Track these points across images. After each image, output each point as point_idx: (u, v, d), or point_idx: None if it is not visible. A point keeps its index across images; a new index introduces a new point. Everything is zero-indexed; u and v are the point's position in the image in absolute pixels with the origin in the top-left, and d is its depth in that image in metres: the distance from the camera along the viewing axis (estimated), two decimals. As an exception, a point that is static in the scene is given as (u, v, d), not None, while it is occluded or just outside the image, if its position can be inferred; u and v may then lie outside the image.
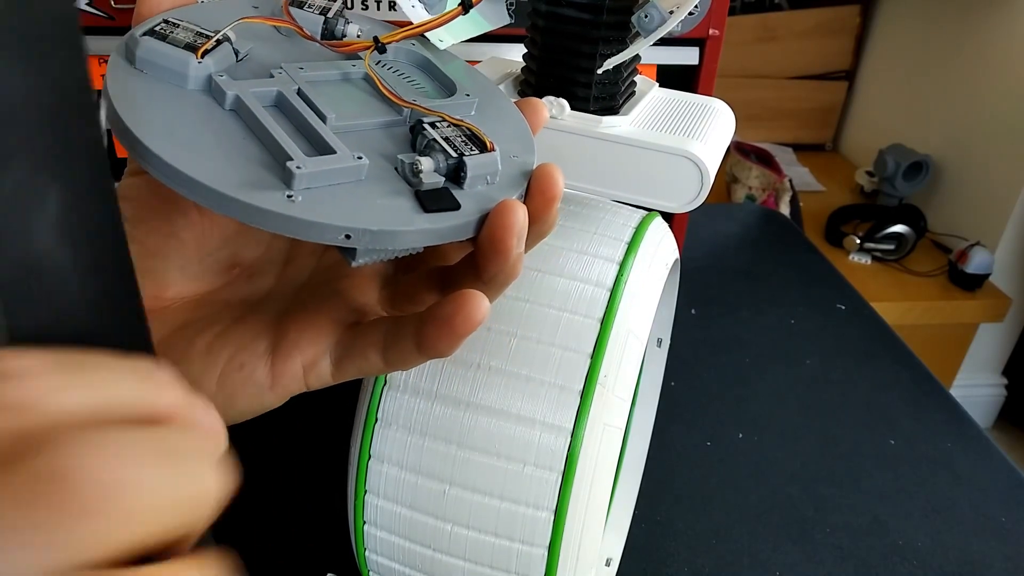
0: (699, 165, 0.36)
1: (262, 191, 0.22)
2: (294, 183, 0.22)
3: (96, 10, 0.48)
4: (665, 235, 0.37)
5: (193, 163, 0.22)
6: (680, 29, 0.34)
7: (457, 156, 0.25)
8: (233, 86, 0.25)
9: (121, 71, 0.24)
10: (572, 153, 0.37)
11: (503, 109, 0.30)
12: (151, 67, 0.24)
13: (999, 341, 1.61)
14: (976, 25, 1.53)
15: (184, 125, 0.23)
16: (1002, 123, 1.46)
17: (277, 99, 0.26)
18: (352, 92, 0.28)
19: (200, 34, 0.25)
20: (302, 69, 0.27)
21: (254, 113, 0.24)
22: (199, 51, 0.25)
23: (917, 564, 0.47)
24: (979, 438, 0.58)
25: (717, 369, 0.63)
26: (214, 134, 0.24)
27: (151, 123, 0.23)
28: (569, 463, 0.30)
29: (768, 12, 1.81)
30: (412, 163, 0.24)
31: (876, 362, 0.65)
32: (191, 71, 0.24)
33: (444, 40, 0.32)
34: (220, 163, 0.22)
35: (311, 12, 0.29)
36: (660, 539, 0.48)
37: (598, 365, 0.31)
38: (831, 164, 1.89)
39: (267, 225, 0.22)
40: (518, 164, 0.27)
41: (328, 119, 0.25)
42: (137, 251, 0.27)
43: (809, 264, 0.81)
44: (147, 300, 0.27)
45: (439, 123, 0.26)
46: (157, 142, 0.22)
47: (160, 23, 0.25)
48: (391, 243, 0.23)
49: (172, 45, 0.24)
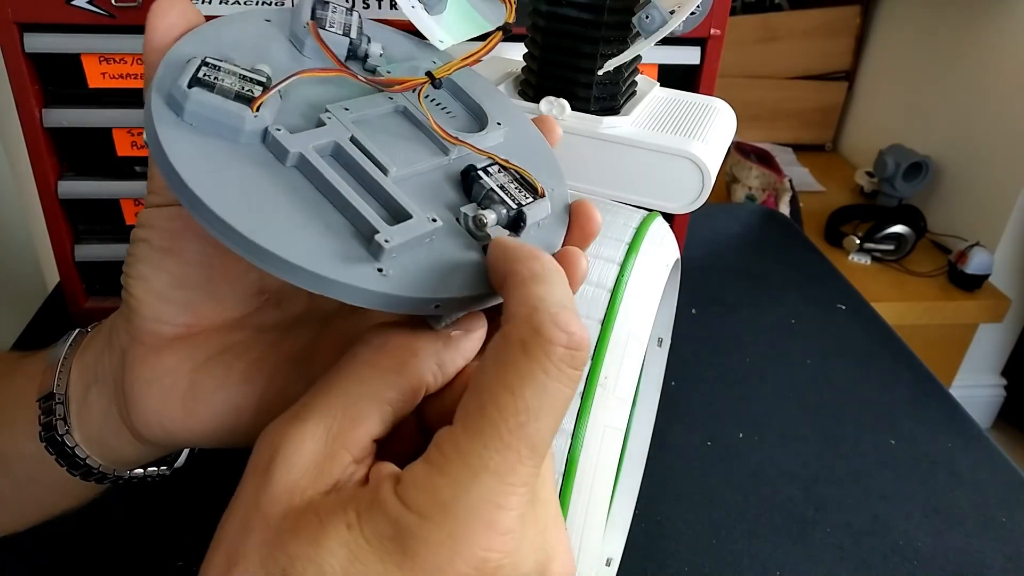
0: (700, 166, 0.36)
1: (353, 267, 0.22)
2: (383, 257, 0.22)
3: (97, 8, 0.48)
4: (666, 235, 0.37)
5: (281, 241, 0.21)
6: (681, 29, 0.34)
7: (516, 207, 0.26)
8: (293, 142, 0.24)
9: (171, 126, 0.23)
10: (573, 153, 0.37)
11: (528, 132, 0.31)
12: (202, 121, 0.23)
13: (998, 341, 1.61)
14: (976, 25, 1.53)
15: (259, 194, 0.23)
16: (1002, 123, 1.46)
17: (334, 150, 0.25)
18: (398, 127, 0.28)
19: (244, 77, 0.24)
20: (347, 110, 0.26)
21: (323, 175, 0.24)
22: (254, 104, 0.24)
23: (917, 564, 0.47)
24: (979, 438, 0.58)
25: (717, 369, 0.63)
26: (288, 200, 0.23)
27: (227, 197, 0.22)
28: (569, 464, 0.30)
29: (768, 12, 1.81)
30: (476, 217, 0.25)
31: (876, 362, 0.65)
32: (247, 125, 0.24)
33: (444, 41, 0.32)
34: (304, 238, 0.22)
35: (334, 32, 0.28)
36: (660, 539, 0.48)
37: (598, 366, 0.31)
38: (831, 164, 1.89)
39: (360, 302, 0.22)
40: (557, 198, 0.28)
41: (389, 172, 0.25)
42: (166, 280, 0.27)
43: (809, 264, 0.81)
44: (180, 329, 0.28)
45: (490, 168, 0.27)
46: (240, 220, 0.21)
47: (201, 68, 0.24)
48: (475, 306, 0.24)
49: (223, 96, 0.23)
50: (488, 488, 0.20)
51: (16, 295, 0.86)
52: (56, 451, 0.30)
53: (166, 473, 0.35)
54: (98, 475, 0.31)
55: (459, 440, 0.20)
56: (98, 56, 0.51)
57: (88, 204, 0.56)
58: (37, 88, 0.51)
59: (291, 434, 0.21)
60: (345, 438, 0.22)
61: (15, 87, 0.50)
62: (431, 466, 0.20)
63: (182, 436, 0.29)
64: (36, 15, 0.48)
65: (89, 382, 0.30)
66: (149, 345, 0.28)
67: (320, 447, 0.21)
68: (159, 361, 0.28)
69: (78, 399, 0.31)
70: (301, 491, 0.21)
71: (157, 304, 0.27)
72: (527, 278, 0.22)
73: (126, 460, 0.32)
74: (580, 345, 0.21)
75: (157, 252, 0.27)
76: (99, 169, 0.55)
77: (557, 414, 0.21)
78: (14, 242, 0.89)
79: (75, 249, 0.57)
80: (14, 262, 0.89)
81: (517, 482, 0.20)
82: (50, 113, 0.52)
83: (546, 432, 0.21)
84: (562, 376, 0.21)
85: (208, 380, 0.28)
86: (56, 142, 0.54)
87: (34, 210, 0.58)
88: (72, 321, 0.60)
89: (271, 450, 0.21)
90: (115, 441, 0.30)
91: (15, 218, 0.89)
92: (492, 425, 0.20)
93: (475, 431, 0.20)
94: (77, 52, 0.50)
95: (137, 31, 0.50)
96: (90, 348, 0.31)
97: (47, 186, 0.54)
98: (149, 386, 0.28)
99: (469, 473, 0.20)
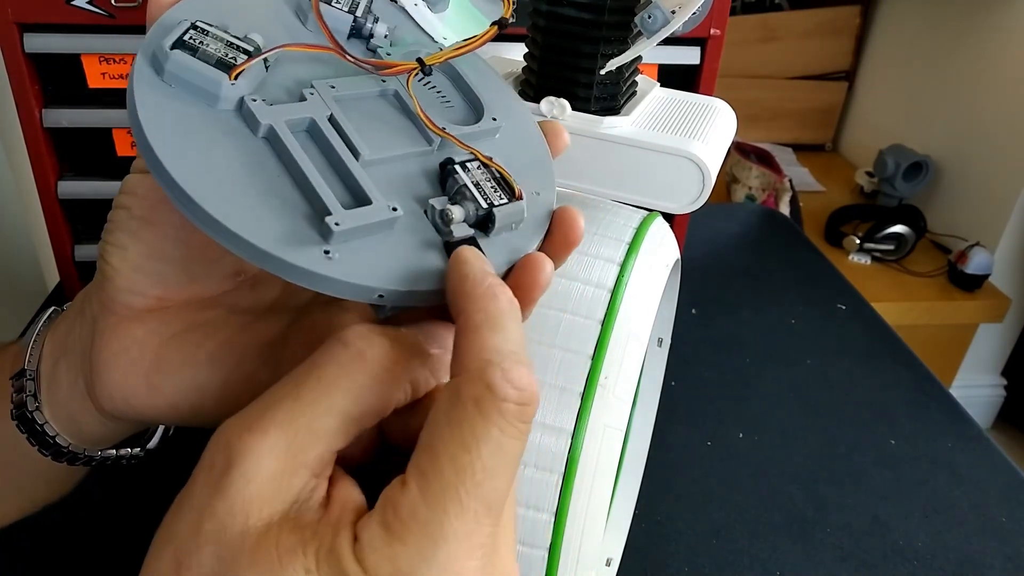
0: (700, 166, 0.36)
1: (300, 247, 0.22)
2: (332, 239, 0.22)
3: (97, 9, 0.48)
4: (666, 235, 0.37)
5: (231, 212, 0.21)
6: (682, 29, 0.34)
7: (487, 207, 0.25)
8: (266, 114, 0.24)
9: (148, 85, 0.23)
10: (573, 154, 0.37)
11: (527, 132, 0.30)
12: (180, 83, 0.23)
13: (998, 341, 1.61)
14: (976, 25, 1.53)
15: (218, 161, 0.22)
16: (1002, 123, 1.46)
17: (310, 127, 0.25)
18: (383, 111, 0.27)
19: (231, 44, 0.24)
20: (333, 88, 0.26)
21: (289, 150, 0.23)
22: (233, 72, 0.24)
23: (917, 564, 0.47)
24: (979, 438, 0.58)
25: (717, 369, 0.63)
26: (248, 171, 0.23)
27: (186, 159, 0.22)
28: (570, 465, 0.30)
29: (768, 12, 1.81)
30: (443, 211, 0.25)
31: (876, 362, 0.65)
32: (223, 92, 0.23)
33: (447, 38, 0.32)
34: (257, 210, 0.22)
35: (340, 8, 0.28)
36: (660, 539, 0.48)
37: (599, 367, 0.31)
38: (831, 164, 1.89)
39: (301, 281, 0.22)
40: (541, 203, 0.27)
41: (361, 156, 0.25)
42: (143, 251, 0.27)
43: (809, 264, 0.81)
44: (152, 301, 0.28)
45: (470, 163, 0.26)
46: (193, 183, 0.21)
47: (189, 30, 0.24)
48: (419, 301, 0.24)
49: (203, 61, 0.23)
50: (449, 555, 0.20)
51: (16, 295, 0.86)
52: (27, 429, 0.30)
53: (140, 455, 0.34)
54: (68, 455, 0.31)
55: (417, 508, 0.20)
56: (98, 56, 0.51)
57: (88, 204, 0.56)
58: (37, 88, 0.51)
59: (251, 446, 0.21)
60: (306, 455, 0.21)
61: (15, 87, 0.50)
62: (390, 534, 0.20)
63: (145, 412, 0.28)
64: (36, 15, 0.48)
65: (58, 356, 0.30)
66: (120, 316, 0.27)
67: (280, 463, 0.21)
68: (127, 332, 0.27)
69: (47, 374, 0.30)
70: (259, 508, 0.20)
71: (131, 274, 0.27)
72: (480, 323, 0.22)
73: (95, 438, 0.31)
74: (531, 399, 0.21)
75: (136, 220, 0.27)
76: (99, 169, 0.55)
77: (512, 470, 0.21)
78: (14, 242, 0.89)
79: (75, 249, 0.57)
80: (14, 262, 0.89)
81: (476, 544, 0.20)
82: (50, 113, 0.52)
83: (503, 489, 0.21)
84: (515, 431, 0.21)
85: (174, 356, 0.27)
86: (56, 142, 0.54)
87: (34, 210, 0.58)
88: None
89: (228, 456, 0.21)
90: (81, 416, 0.30)
91: (15, 218, 0.89)
92: (451, 488, 0.20)
93: (434, 497, 0.20)
94: (77, 52, 0.50)
95: (137, 31, 0.50)
96: (63, 322, 0.31)
97: (47, 186, 0.54)
98: (116, 357, 0.27)
99: (430, 542, 0.20)
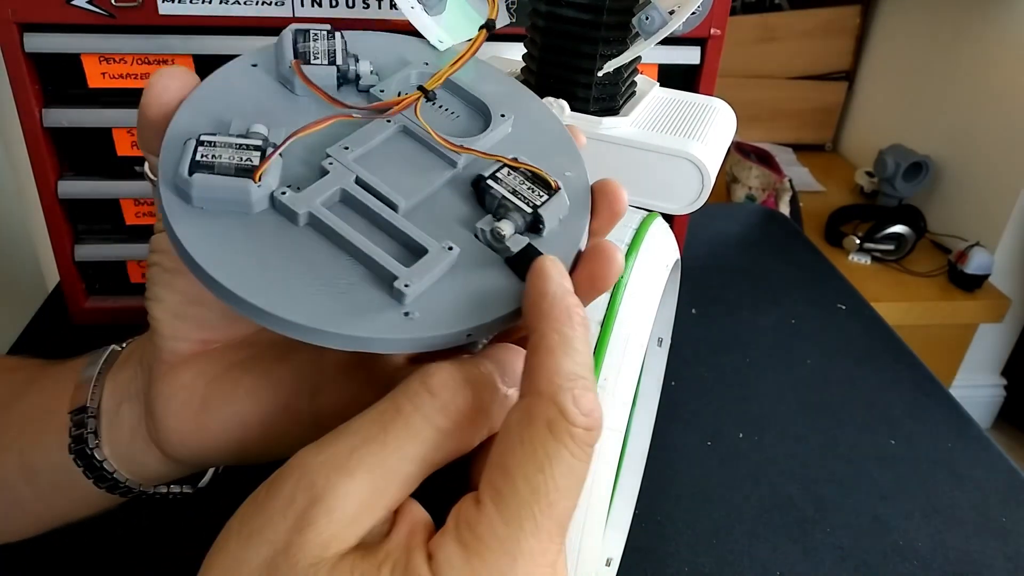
0: (700, 166, 0.36)
1: (379, 318, 0.22)
2: (406, 300, 0.23)
3: (97, 8, 0.48)
4: (666, 236, 0.37)
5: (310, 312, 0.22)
6: (681, 29, 0.34)
7: (532, 211, 0.25)
8: (300, 202, 0.24)
9: (182, 216, 0.23)
10: (573, 154, 0.37)
11: (536, 116, 0.30)
12: (211, 203, 0.23)
13: (998, 341, 1.61)
14: (976, 26, 1.53)
15: (275, 265, 0.23)
16: (1002, 123, 1.46)
17: (343, 197, 0.25)
18: (401, 149, 0.27)
19: (240, 146, 0.24)
20: (347, 149, 0.26)
21: (335, 230, 0.24)
22: (256, 175, 0.23)
23: (917, 564, 0.47)
24: (979, 438, 0.58)
25: (717, 369, 0.63)
26: (306, 265, 0.23)
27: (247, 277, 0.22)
28: (569, 464, 0.30)
29: (768, 12, 1.81)
30: (493, 230, 0.25)
31: (876, 362, 0.65)
32: (254, 197, 0.24)
33: (444, 41, 0.32)
34: (327, 301, 0.22)
35: (320, 64, 0.27)
36: (660, 539, 0.48)
37: (598, 368, 0.31)
38: (831, 164, 1.89)
39: (391, 349, 0.22)
40: (576, 183, 0.27)
41: (399, 206, 0.25)
42: (179, 299, 0.28)
43: (809, 264, 0.81)
44: (196, 345, 0.29)
45: (499, 172, 0.26)
46: (265, 300, 0.22)
47: (197, 149, 0.24)
48: (503, 326, 0.24)
49: (224, 175, 0.23)
50: (524, 572, 0.21)
51: (16, 295, 0.86)
52: (84, 464, 0.31)
53: (189, 492, 0.36)
54: (123, 489, 0.32)
55: (494, 525, 0.21)
56: (98, 56, 0.51)
57: (88, 204, 0.56)
58: (37, 88, 0.51)
59: (336, 486, 0.21)
60: (388, 496, 0.22)
61: (15, 87, 0.50)
62: (468, 551, 0.21)
63: (198, 452, 0.30)
64: (36, 15, 0.48)
65: (122, 399, 0.31)
66: (170, 363, 0.29)
67: (363, 505, 0.21)
68: (176, 377, 0.29)
69: (110, 414, 0.31)
70: (337, 544, 0.21)
71: (173, 322, 0.28)
72: (555, 346, 0.22)
73: (152, 476, 0.32)
74: (597, 425, 0.22)
75: (168, 273, 0.28)
76: (99, 169, 0.55)
77: (579, 492, 0.22)
78: (14, 242, 0.89)
79: (75, 249, 0.57)
80: (14, 262, 0.89)
81: (547, 561, 0.21)
82: (50, 113, 0.52)
83: (572, 510, 0.22)
84: (583, 454, 0.22)
85: (217, 394, 0.29)
86: (56, 142, 0.54)
87: (34, 210, 0.58)
88: (72, 321, 0.60)
89: (312, 493, 0.21)
90: (143, 457, 0.31)
91: (15, 218, 0.89)
92: (526, 507, 0.21)
93: (511, 515, 0.21)
94: (77, 52, 0.50)
95: (137, 31, 0.50)
96: (126, 367, 0.32)
97: (47, 186, 0.54)
98: (168, 402, 0.29)
99: (508, 559, 0.21)
